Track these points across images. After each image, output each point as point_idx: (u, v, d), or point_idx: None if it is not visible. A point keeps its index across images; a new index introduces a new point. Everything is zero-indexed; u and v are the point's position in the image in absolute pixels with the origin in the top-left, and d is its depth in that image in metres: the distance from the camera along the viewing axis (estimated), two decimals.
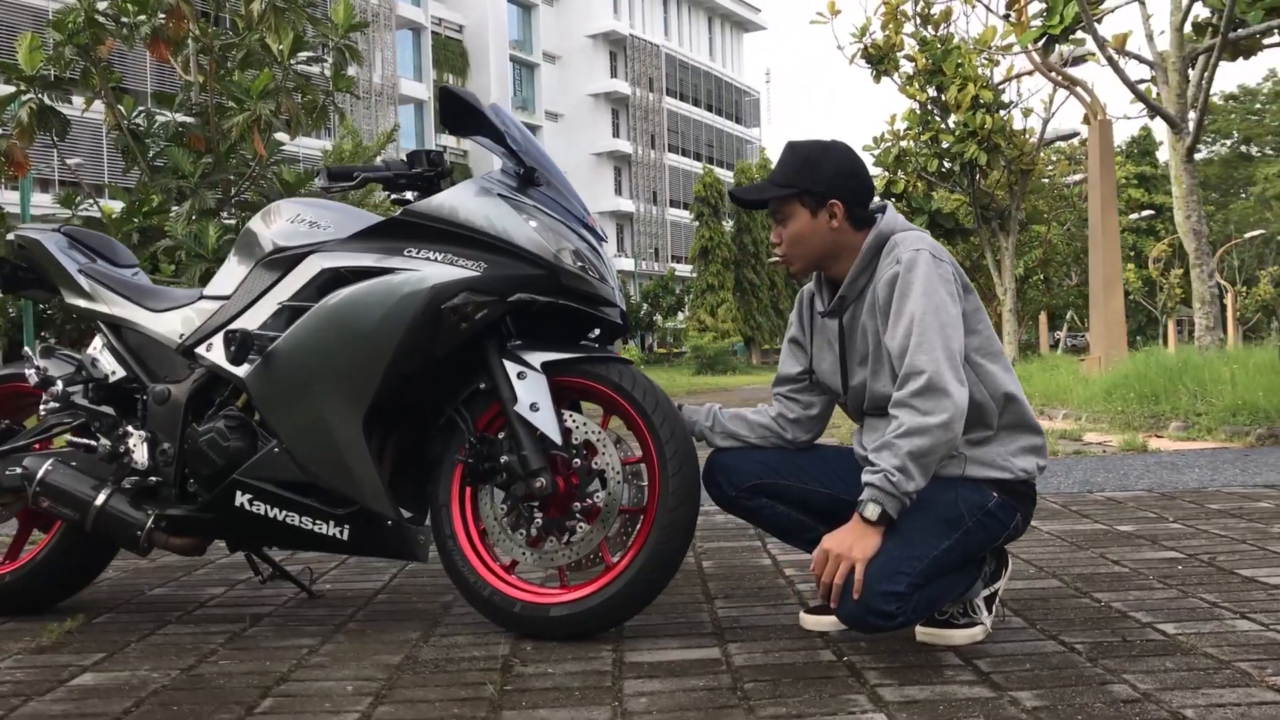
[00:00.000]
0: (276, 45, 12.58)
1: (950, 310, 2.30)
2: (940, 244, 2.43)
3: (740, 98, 70.72)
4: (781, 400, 2.67)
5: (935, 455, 2.25)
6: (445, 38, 52.65)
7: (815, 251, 2.47)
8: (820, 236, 2.45)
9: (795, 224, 2.46)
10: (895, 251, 2.37)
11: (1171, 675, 2.10)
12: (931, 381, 2.24)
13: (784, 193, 2.46)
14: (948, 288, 2.32)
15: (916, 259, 2.32)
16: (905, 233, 2.42)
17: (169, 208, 13.20)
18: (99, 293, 2.95)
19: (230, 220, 12.72)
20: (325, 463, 2.60)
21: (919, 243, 2.36)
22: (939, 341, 2.27)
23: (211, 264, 11.52)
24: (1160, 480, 5.03)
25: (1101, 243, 10.65)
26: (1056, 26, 9.01)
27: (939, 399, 2.24)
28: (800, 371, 2.65)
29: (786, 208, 2.47)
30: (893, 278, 2.34)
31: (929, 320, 2.28)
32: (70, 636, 2.69)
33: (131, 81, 28.80)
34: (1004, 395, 2.38)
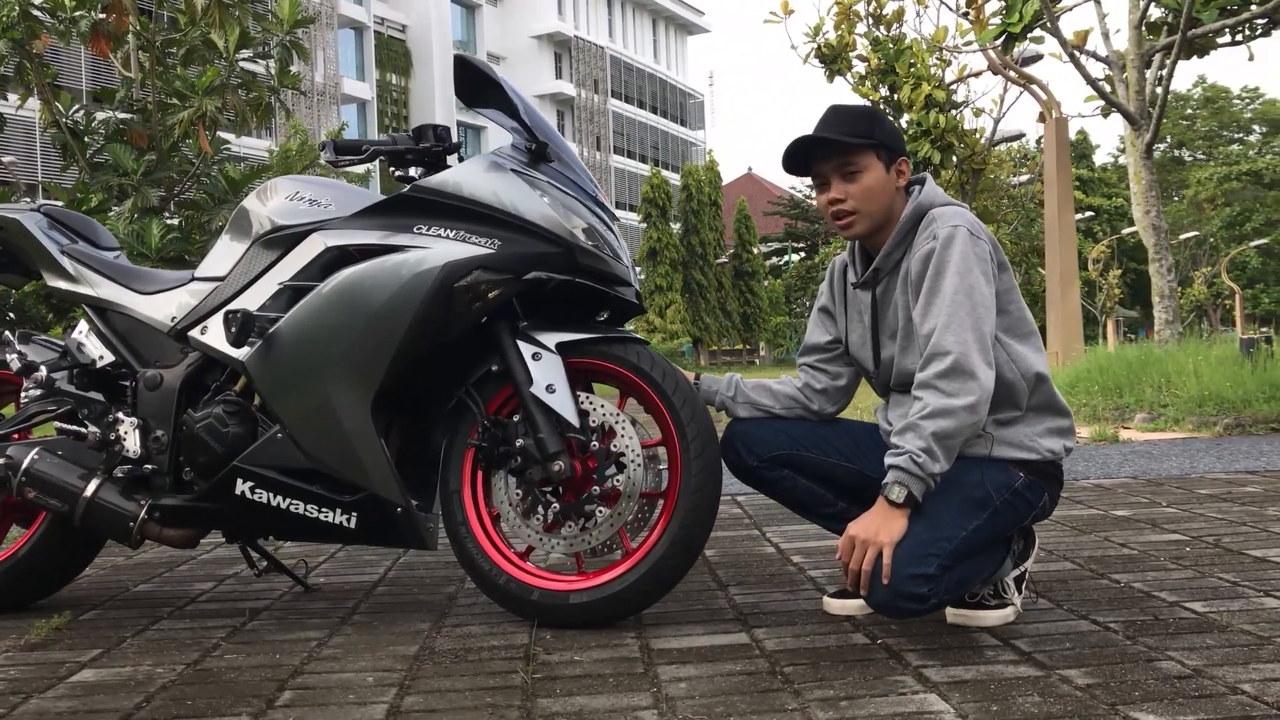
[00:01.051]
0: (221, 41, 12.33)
1: (983, 290, 2.26)
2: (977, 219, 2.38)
3: (685, 100, 70.90)
4: (808, 370, 2.62)
5: (960, 437, 2.21)
6: (388, 37, 52.13)
7: (881, 210, 2.40)
8: (888, 195, 2.39)
9: (869, 177, 2.38)
10: (933, 226, 2.32)
11: (1216, 652, 2.08)
12: (958, 363, 2.20)
13: (867, 142, 2.37)
14: (983, 267, 2.27)
15: (954, 235, 2.27)
16: (944, 207, 2.37)
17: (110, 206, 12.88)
18: (83, 275, 2.81)
19: (173, 220, 12.46)
20: (332, 448, 2.49)
21: (957, 218, 2.31)
22: (969, 322, 2.23)
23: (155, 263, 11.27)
24: (1141, 468, 5.07)
25: (1058, 239, 10.77)
26: (1016, 25, 9.09)
27: (964, 381, 2.19)
28: (830, 341, 2.59)
29: (863, 159, 2.37)
30: (928, 253, 2.29)
31: (960, 300, 2.24)
32: (59, 633, 2.56)
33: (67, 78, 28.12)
34: (1035, 375, 2.35)
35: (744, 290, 49.62)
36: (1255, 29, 9.45)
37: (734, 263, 49.20)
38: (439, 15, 53.72)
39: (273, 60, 12.91)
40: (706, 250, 47.02)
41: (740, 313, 49.26)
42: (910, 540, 2.19)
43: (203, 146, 12.06)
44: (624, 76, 64.35)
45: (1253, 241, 48.76)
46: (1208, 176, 56.56)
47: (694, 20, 71.36)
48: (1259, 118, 62.15)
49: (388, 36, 52.03)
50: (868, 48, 15.06)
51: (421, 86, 54.33)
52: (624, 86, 64.43)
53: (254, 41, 12.70)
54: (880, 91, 15.31)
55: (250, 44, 12.52)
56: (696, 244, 46.94)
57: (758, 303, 49.80)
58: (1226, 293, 46.75)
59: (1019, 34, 9.27)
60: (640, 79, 65.95)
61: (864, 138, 2.36)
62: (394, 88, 53.25)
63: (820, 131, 2.39)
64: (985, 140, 15.47)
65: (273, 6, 13.34)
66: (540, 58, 60.29)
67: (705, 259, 47.28)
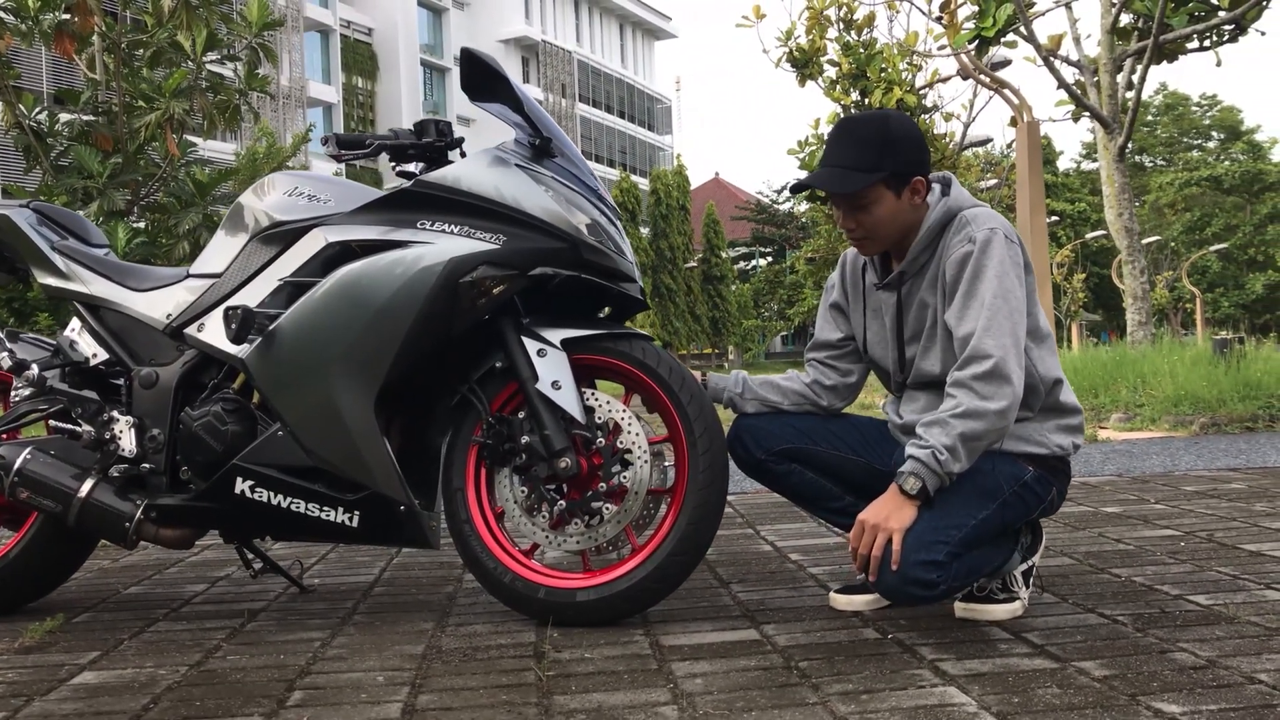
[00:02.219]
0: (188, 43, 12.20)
1: (1018, 295, 2.26)
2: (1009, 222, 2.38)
3: (652, 105, 70.98)
4: (817, 367, 2.61)
5: (985, 441, 2.22)
6: (354, 40, 51.85)
7: (898, 231, 2.37)
8: (903, 216, 2.36)
9: (880, 208, 2.33)
10: (967, 230, 2.30)
11: (1227, 643, 2.09)
12: (997, 367, 2.19)
13: (871, 179, 2.30)
14: (1018, 271, 2.28)
15: (991, 239, 2.26)
16: (975, 209, 2.35)
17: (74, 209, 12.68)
18: (75, 272, 2.76)
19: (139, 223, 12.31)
20: (335, 446, 2.46)
21: (992, 221, 2.30)
22: (1008, 327, 2.23)
23: None
24: (1124, 466, 5.11)
25: (1031, 241, 10.83)
26: (990, 29, 9.16)
27: (1001, 385, 2.19)
28: (841, 338, 2.59)
29: (870, 193, 2.32)
30: (964, 256, 2.28)
31: (999, 305, 2.23)
32: (54, 636, 2.51)
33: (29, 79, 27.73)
34: (1053, 380, 2.36)
35: (713, 294, 49.72)
36: (1223, 35, 9.58)
37: (703, 267, 49.28)
38: (405, 19, 53.50)
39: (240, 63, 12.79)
40: (675, 254, 47.08)
41: (709, 317, 49.35)
42: (920, 527, 2.20)
43: (170, 149, 11.92)
44: (592, 81, 64.34)
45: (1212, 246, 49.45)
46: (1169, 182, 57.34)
47: (661, 25, 71.49)
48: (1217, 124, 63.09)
49: (354, 40, 51.74)
50: (839, 52, 15.13)
51: (388, 90, 54.05)
52: (592, 91, 64.42)
53: (221, 44, 12.59)
54: (851, 96, 15.38)
55: (218, 46, 12.41)
56: (665, 248, 47.00)
57: (726, 307, 49.90)
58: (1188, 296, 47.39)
59: (992, 38, 9.35)
60: (608, 84, 65.97)
61: (871, 170, 2.30)
62: (360, 91, 52.94)
63: (829, 157, 2.35)
64: (955, 145, 15.58)
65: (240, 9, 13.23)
66: (507, 62, 60.12)
67: (674, 263, 47.33)
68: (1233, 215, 56.01)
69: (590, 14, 65.53)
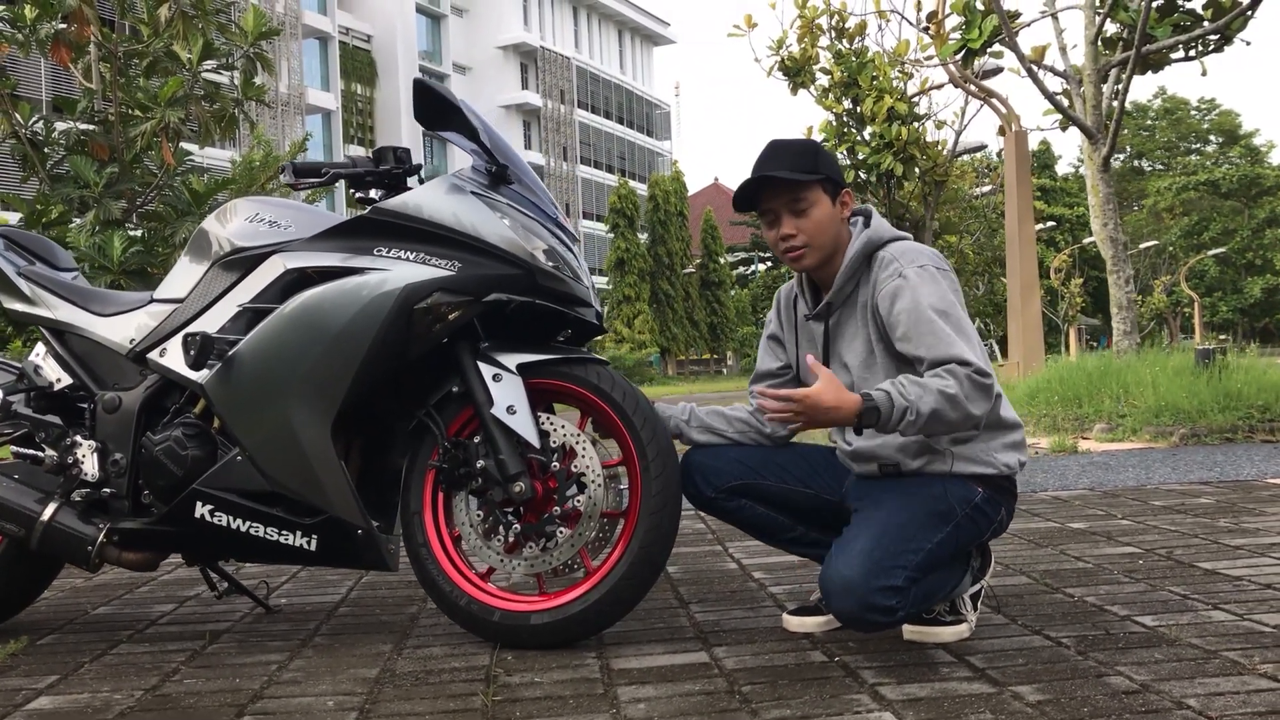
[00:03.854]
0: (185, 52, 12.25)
1: (964, 319, 2.33)
2: (934, 250, 2.44)
3: (651, 110, 71.07)
4: (760, 397, 2.64)
5: (940, 432, 2.27)
6: (353, 47, 51.94)
7: (831, 241, 2.43)
8: (835, 226, 2.44)
9: (818, 211, 2.41)
10: (894, 265, 2.35)
11: (1164, 666, 2.12)
12: (979, 369, 2.24)
13: (814, 178, 2.40)
14: (956, 296, 2.35)
15: (924, 274, 2.32)
16: (898, 244, 2.42)
17: (70, 218, 12.74)
18: (41, 297, 2.80)
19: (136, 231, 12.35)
20: (292, 471, 2.49)
21: (920, 257, 2.36)
22: (978, 345, 2.29)
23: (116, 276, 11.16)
24: (1098, 479, 5.14)
25: (1019, 250, 10.90)
26: (976, 40, 9.21)
27: (984, 396, 2.24)
28: (780, 366, 2.63)
29: (811, 194, 2.41)
30: (895, 290, 2.32)
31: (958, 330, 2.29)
32: (16, 659, 2.54)
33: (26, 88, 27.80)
34: (994, 395, 2.39)
35: (711, 300, 49.78)
36: (1208, 45, 9.63)
37: (701, 272, 49.33)
38: (404, 26, 53.59)
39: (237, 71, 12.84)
40: (674, 260, 47.13)
41: (707, 322, 49.39)
42: (879, 553, 2.23)
43: (166, 158, 11.97)
44: (590, 87, 64.42)
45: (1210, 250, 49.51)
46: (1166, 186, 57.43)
47: (660, 31, 71.61)
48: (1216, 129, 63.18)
49: (353, 47, 51.84)
50: (831, 61, 15.19)
51: (386, 96, 54.11)
52: (590, 97, 64.50)
53: (218, 53, 12.63)
54: (843, 104, 15.45)
55: (214, 55, 12.46)
56: (664, 254, 47.04)
57: (724, 312, 49.95)
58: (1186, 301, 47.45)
59: (978, 49, 9.39)
60: (606, 89, 66.05)
61: (810, 173, 2.40)
62: (359, 98, 53.02)
63: (768, 169, 2.41)
64: (947, 152, 15.63)
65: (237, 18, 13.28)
66: (506, 68, 60.26)
67: (672, 269, 47.37)
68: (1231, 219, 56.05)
69: (589, 20, 65.63)
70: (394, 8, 53.41)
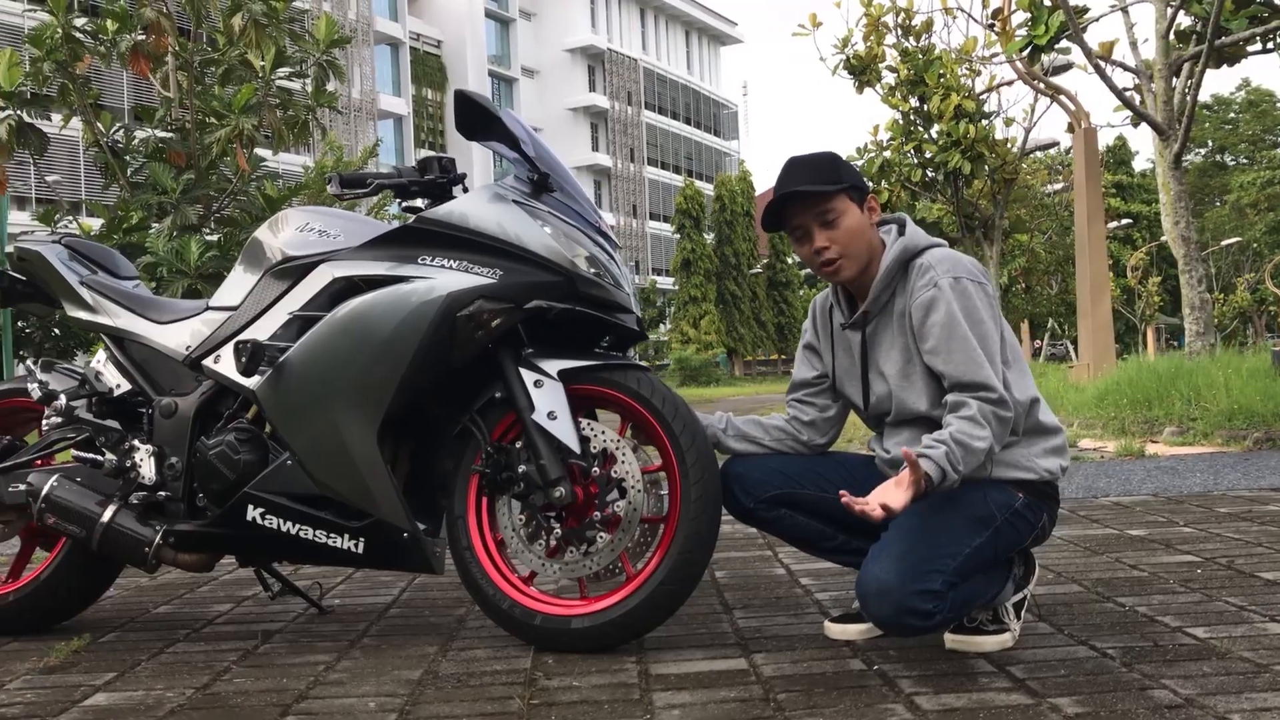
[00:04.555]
0: (258, 61, 12.54)
1: (995, 339, 2.32)
2: (970, 256, 2.42)
3: (719, 111, 70.92)
4: (796, 405, 2.64)
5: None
6: (424, 53, 52.60)
7: (865, 249, 2.42)
8: (866, 233, 2.42)
9: (848, 220, 2.40)
10: (930, 274, 2.34)
11: (1211, 680, 2.07)
12: (1003, 400, 2.25)
13: (839, 187, 2.39)
14: (991, 312, 2.33)
15: (956, 286, 2.30)
16: (934, 251, 2.40)
17: (149, 224, 13.13)
18: (102, 305, 2.89)
19: (212, 236, 12.67)
20: (340, 475, 2.54)
21: (957, 268, 2.34)
22: (995, 367, 2.28)
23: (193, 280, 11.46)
24: (1163, 485, 5.03)
25: (1088, 250, 10.69)
26: (1042, 36, 9.05)
27: (1005, 425, 2.27)
28: (816, 375, 2.62)
29: (839, 203, 2.39)
30: (930, 301, 2.31)
31: (988, 351, 2.28)
32: (78, 656, 2.63)
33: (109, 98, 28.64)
34: (1030, 400, 2.37)
35: (778, 300, 49.54)
36: None
37: (768, 273, 49.11)
38: (473, 30, 54.15)
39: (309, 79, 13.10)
40: (740, 260, 46.99)
41: (774, 323, 49.16)
42: (915, 557, 2.22)
43: (240, 164, 12.27)
44: (657, 88, 64.48)
45: None
46: (1250, 181, 55.80)
47: (727, 31, 71.42)
48: None
49: (423, 52, 52.50)
50: (897, 59, 15.04)
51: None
52: (657, 98, 64.55)
53: (291, 61, 12.91)
54: (910, 102, 15.29)
55: (287, 63, 12.73)
56: (730, 254, 46.93)
57: (792, 313, 49.66)
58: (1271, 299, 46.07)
59: (1045, 45, 9.23)
60: (673, 90, 66.05)
61: (834, 183, 2.38)
62: (429, 102, 53.68)
63: (790, 185, 2.41)
64: (1017, 150, 15.38)
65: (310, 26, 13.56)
66: (574, 71, 60.57)
67: (739, 269, 47.24)
68: None
69: (656, 21, 65.69)
70: (463, 13, 53.98)
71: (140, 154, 12.69)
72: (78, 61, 11.65)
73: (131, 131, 12.73)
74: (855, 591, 2.29)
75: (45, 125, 12.34)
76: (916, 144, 15.13)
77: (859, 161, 16.05)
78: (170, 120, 12.94)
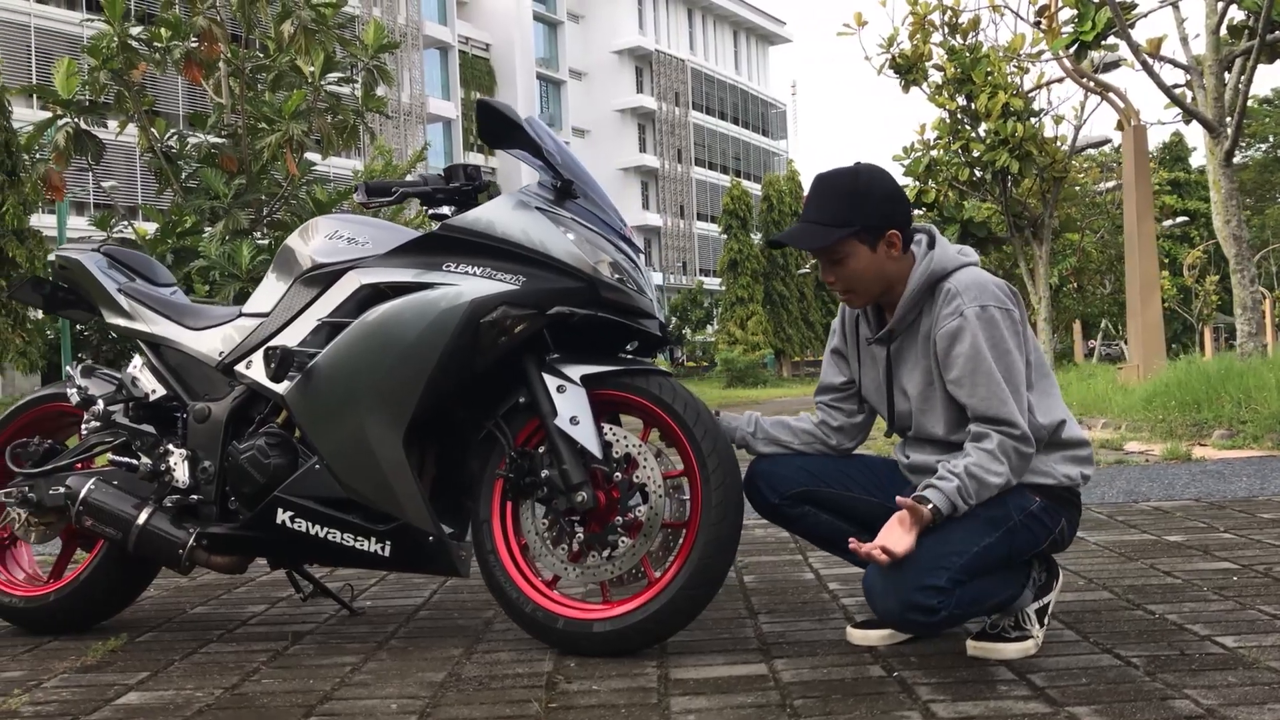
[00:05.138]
0: (308, 67, 12.72)
1: (1020, 369, 2.31)
2: (998, 278, 2.39)
3: (767, 110, 70.68)
4: (825, 409, 2.65)
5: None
6: (472, 56, 52.94)
7: (878, 285, 2.42)
8: (881, 270, 2.40)
9: (855, 263, 2.38)
10: (957, 302, 2.32)
11: (1235, 690, 2.04)
12: (1025, 436, 2.27)
13: (842, 234, 2.35)
14: (1016, 340, 2.31)
15: (983, 315, 2.29)
16: (961, 274, 2.36)
17: (202, 228, 13.36)
18: (138, 312, 2.96)
19: (263, 240, 12.85)
20: (366, 479, 2.58)
21: (983, 295, 2.31)
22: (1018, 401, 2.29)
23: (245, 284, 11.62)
24: (1207, 489, 4.94)
25: (1138, 249, 10.53)
26: (1089, 33, 8.92)
27: (1026, 460, 2.30)
28: (844, 382, 2.62)
29: (843, 248, 2.37)
30: (956, 331, 2.30)
31: (1011, 385, 2.28)
32: (114, 655, 2.69)
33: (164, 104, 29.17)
34: (1055, 423, 2.36)
35: (826, 300, 49.23)
36: None
37: (815, 273, 48.84)
38: (522, 33, 54.43)
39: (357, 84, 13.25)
40: (788, 261, 46.78)
41: (823, 323, 48.85)
42: (922, 553, 2.23)
43: (290, 169, 12.45)
44: (705, 88, 64.39)
45: None
46: None
47: (775, 30, 71.17)
48: None
49: (472, 55, 52.85)
50: (943, 57, 14.90)
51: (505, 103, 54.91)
52: (705, 98, 64.46)
53: (339, 66, 13.07)
54: (957, 101, 15.14)
55: (336, 69, 12.90)
56: (778, 254, 46.72)
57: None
58: None
59: (1091, 42, 9.10)
60: (721, 90, 65.93)
61: (842, 225, 2.35)
62: None
63: (805, 213, 2.41)
64: (1067, 148, 15.17)
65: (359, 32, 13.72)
66: (621, 72, 60.68)
67: (787, 270, 47.05)
68: None
69: (704, 21, 65.61)
70: (512, 16, 54.29)
71: (193, 159, 12.94)
72: (133, 69, 11.91)
73: (185, 137, 12.98)
74: (862, 586, 2.30)
75: (101, 132, 12.63)
76: (964, 143, 14.98)
77: (905, 161, 15.91)
78: (222, 126, 13.18)
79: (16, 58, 34.64)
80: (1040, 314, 15.88)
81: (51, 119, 11.81)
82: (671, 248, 61.41)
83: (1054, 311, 20.93)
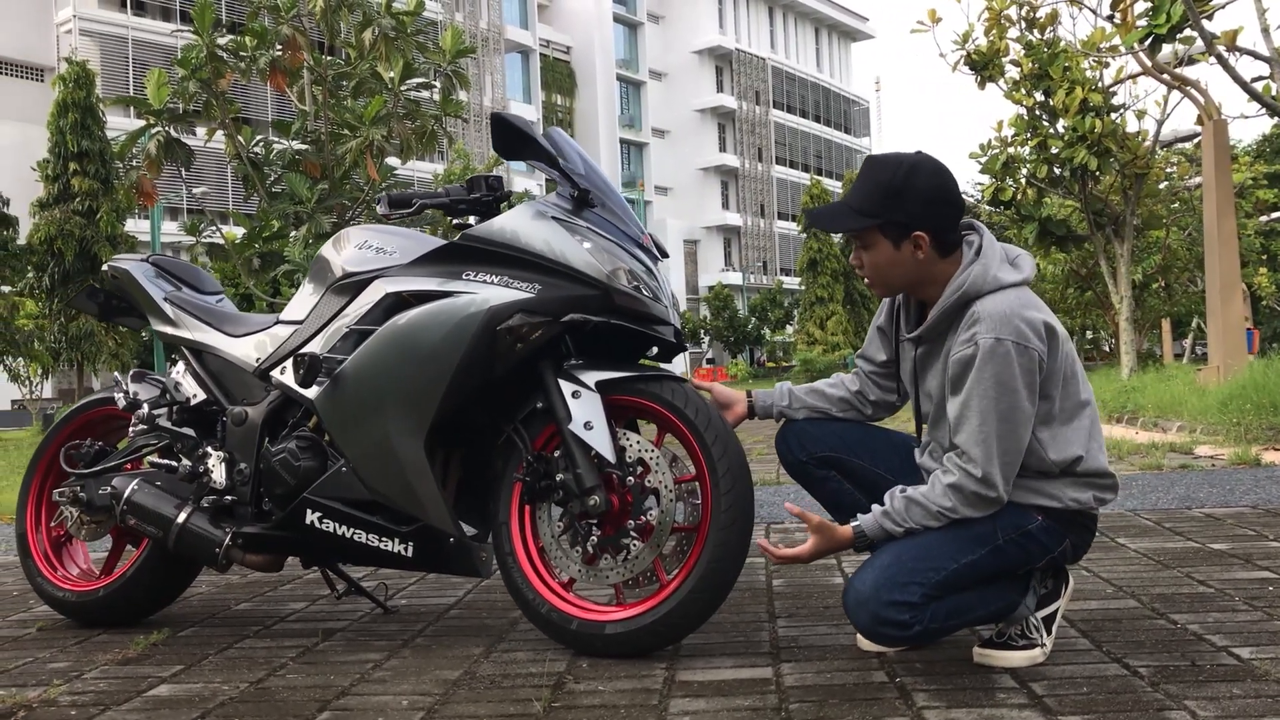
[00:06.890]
0: (388, 73, 13.00)
1: (1023, 410, 2.24)
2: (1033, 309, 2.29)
3: (849, 107, 70.03)
4: (864, 380, 2.66)
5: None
6: (553, 59, 53.42)
7: (899, 282, 2.41)
8: (903, 268, 2.37)
9: (876, 254, 2.38)
10: (975, 330, 2.26)
11: (1236, 703, 2.02)
12: (987, 481, 2.26)
13: (865, 223, 2.34)
14: (1029, 379, 2.23)
15: (996, 351, 2.22)
16: (993, 298, 2.29)
17: (287, 232, 13.73)
18: (182, 319, 3.09)
19: None
20: (390, 481, 2.67)
21: (1003, 328, 2.23)
22: (1003, 447, 2.25)
23: None
24: (1268, 496, 4.81)
25: (1218, 247, 10.23)
26: (1163, 25, 8.70)
27: (984, 504, 2.29)
28: (885, 360, 2.62)
29: (868, 236, 2.37)
30: (967, 359, 2.26)
31: (1003, 426, 2.24)
32: (154, 649, 2.82)
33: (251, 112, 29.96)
34: (1070, 459, 2.32)
35: None
36: None
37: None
38: (602, 35, 54.75)
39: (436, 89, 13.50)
40: None
41: None
42: (896, 569, 2.26)
43: (370, 173, 12.74)
44: (785, 86, 64.05)
45: None
46: None
47: (858, 27, 70.49)
48: None
49: (552, 59, 53.33)
50: (1020, 53, 14.63)
51: (585, 106, 55.40)
52: (786, 96, 64.13)
53: (418, 72, 13.33)
54: (1034, 97, 14.86)
55: (415, 74, 13.16)
56: None
57: None
58: None
59: (1165, 35, 8.87)
60: (802, 88, 65.52)
61: (868, 215, 2.33)
62: (559, 108, 54.49)
63: (849, 194, 2.40)
64: (1149, 144, 14.79)
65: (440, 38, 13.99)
66: (701, 72, 60.67)
67: None
68: None
69: (785, 19, 65.27)
70: (592, 18, 54.64)
71: (278, 165, 13.31)
72: (220, 78, 12.29)
73: (270, 144, 13.37)
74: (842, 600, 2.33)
75: (191, 140, 13.07)
76: (1042, 139, 14.69)
77: (982, 158, 15.66)
78: (306, 132, 13.54)
79: (115, 69, 35.91)
80: (1122, 314, 15.50)
81: (144, 128, 12.25)
82: (751, 247, 61.20)
83: (1139, 311, 20.40)
